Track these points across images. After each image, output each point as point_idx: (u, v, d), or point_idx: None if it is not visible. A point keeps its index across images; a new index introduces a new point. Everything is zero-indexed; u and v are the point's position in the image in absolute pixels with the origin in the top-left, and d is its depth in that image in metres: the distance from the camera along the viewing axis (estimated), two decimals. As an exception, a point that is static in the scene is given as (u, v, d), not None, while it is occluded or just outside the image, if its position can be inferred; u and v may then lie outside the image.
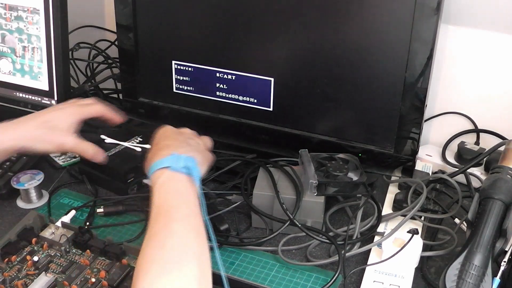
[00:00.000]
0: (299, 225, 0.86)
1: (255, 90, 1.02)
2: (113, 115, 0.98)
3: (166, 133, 0.84)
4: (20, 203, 0.98)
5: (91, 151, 0.94)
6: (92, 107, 0.96)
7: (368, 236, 0.88)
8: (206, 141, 0.89)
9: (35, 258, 0.80)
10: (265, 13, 0.97)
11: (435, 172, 1.04)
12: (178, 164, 0.74)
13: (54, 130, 0.90)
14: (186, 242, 0.66)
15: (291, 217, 0.86)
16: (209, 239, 0.71)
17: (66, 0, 1.12)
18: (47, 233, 0.84)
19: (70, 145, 0.92)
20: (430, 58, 0.89)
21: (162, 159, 0.76)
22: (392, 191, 0.99)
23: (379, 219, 0.89)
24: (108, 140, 1.04)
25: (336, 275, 0.80)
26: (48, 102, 1.16)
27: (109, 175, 1.00)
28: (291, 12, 0.94)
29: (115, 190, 1.00)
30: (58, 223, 0.87)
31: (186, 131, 0.88)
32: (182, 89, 1.08)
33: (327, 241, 0.86)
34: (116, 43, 1.21)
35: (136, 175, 0.99)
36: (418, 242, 0.83)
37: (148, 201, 0.72)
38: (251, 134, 1.06)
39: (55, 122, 0.91)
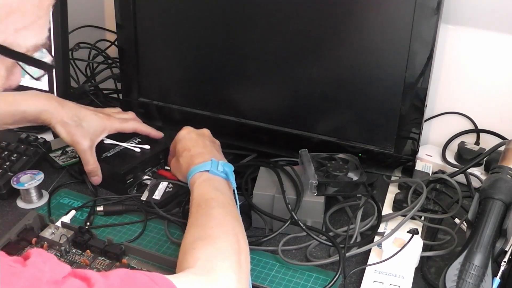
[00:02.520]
0: (302, 225, 0.86)
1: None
2: (150, 131, 1.04)
3: (191, 136, 0.92)
4: (20, 203, 0.98)
5: (90, 167, 0.98)
6: (127, 124, 1.03)
7: (370, 238, 0.88)
8: (219, 144, 0.97)
9: (35, 258, 0.80)
10: (265, 11, 0.97)
11: (435, 172, 1.04)
12: (217, 168, 0.84)
13: (79, 129, 0.96)
14: (227, 224, 0.75)
15: (295, 217, 0.86)
16: None
17: (66, 0, 1.12)
18: (47, 233, 0.84)
19: (80, 149, 0.97)
20: (430, 58, 0.89)
21: (202, 163, 0.85)
22: (392, 191, 0.99)
23: (379, 219, 0.89)
24: (107, 141, 1.04)
25: (337, 276, 0.80)
26: (48, 102, 1.16)
27: (108, 175, 1.00)
28: (291, 12, 0.94)
29: (114, 190, 1.00)
30: (58, 223, 0.87)
31: (206, 133, 0.96)
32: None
33: (330, 243, 0.86)
34: (116, 43, 1.21)
35: (135, 176, 0.99)
36: (418, 242, 0.83)
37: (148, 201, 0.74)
38: (251, 134, 1.06)
39: (86, 123, 0.97)
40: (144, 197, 0.95)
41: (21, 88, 1.18)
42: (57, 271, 0.55)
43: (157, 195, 0.94)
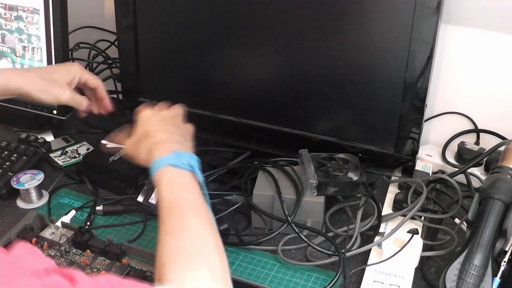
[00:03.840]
0: (296, 230, 0.86)
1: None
2: (105, 95, 1.01)
3: (152, 119, 0.85)
4: (20, 203, 0.98)
5: (85, 104, 0.99)
6: (92, 76, 1.00)
7: (370, 238, 0.88)
8: (189, 129, 0.89)
9: (35, 258, 0.80)
10: (265, 11, 0.97)
11: (435, 172, 1.04)
12: (182, 161, 0.78)
13: (54, 82, 0.96)
14: (203, 234, 0.70)
15: (289, 220, 0.86)
16: None
17: (66, 0, 1.12)
18: (47, 233, 0.84)
19: (65, 97, 0.96)
20: (430, 58, 0.89)
21: (165, 156, 0.78)
22: (392, 191, 0.99)
23: (379, 219, 0.89)
24: (110, 144, 1.03)
25: (337, 276, 0.80)
26: (48, 102, 1.16)
27: (120, 179, 0.99)
28: (291, 12, 0.94)
29: (114, 190, 1.00)
30: (58, 223, 0.87)
31: (166, 113, 0.88)
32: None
33: (330, 252, 0.86)
34: (115, 43, 1.21)
35: (146, 177, 0.99)
36: (418, 242, 0.83)
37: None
38: (251, 134, 1.06)
39: (56, 75, 0.96)
40: (140, 199, 0.94)
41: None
42: (39, 263, 0.54)
43: (153, 199, 0.93)
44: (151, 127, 0.84)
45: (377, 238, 0.87)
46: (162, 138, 0.82)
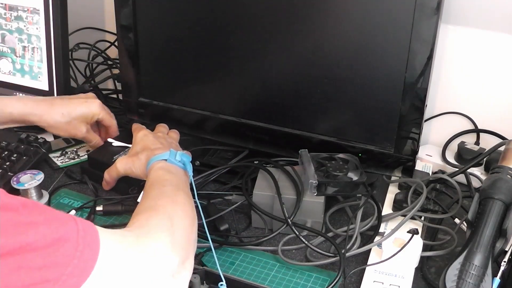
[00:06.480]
0: (296, 232, 0.86)
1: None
2: (116, 129, 1.10)
3: (148, 136, 0.95)
4: (20, 203, 0.98)
5: (95, 141, 1.07)
6: (109, 116, 1.08)
7: (370, 238, 0.87)
8: (176, 137, 1.01)
9: (35, 258, 0.80)
10: (265, 11, 0.97)
11: (435, 172, 1.04)
12: (175, 158, 0.86)
13: (72, 121, 1.03)
14: (176, 199, 0.76)
15: (289, 221, 0.86)
16: (205, 237, 0.82)
17: (66, 1, 1.13)
18: (47, 233, 0.84)
19: (79, 135, 1.05)
20: (430, 58, 0.89)
21: (161, 154, 0.87)
22: (392, 191, 0.99)
23: (379, 219, 0.89)
24: (116, 143, 1.04)
25: (338, 277, 0.80)
26: (48, 102, 1.16)
27: (121, 178, 0.99)
28: (291, 12, 0.94)
29: (115, 190, 1.00)
30: (58, 223, 0.87)
31: (161, 129, 1.00)
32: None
33: (330, 254, 0.86)
34: (115, 43, 1.21)
35: None
36: (418, 242, 0.83)
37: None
38: (251, 134, 1.06)
39: (76, 114, 1.03)
40: (139, 199, 0.94)
41: (22, 88, 1.19)
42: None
43: None
44: (148, 143, 0.93)
45: (377, 238, 0.87)
46: (158, 146, 0.91)
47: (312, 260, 0.86)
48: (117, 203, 0.97)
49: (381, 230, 0.88)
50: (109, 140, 1.07)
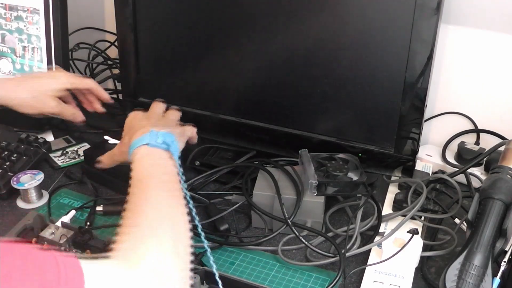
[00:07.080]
0: (296, 232, 0.86)
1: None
2: (103, 93, 1.02)
3: (137, 116, 0.86)
4: (20, 203, 0.98)
5: (70, 113, 0.99)
6: (83, 79, 1.01)
7: (370, 238, 0.87)
8: (175, 115, 0.91)
9: (35, 258, 0.80)
10: (264, 11, 0.97)
11: (435, 172, 1.04)
12: (156, 140, 0.77)
13: (39, 96, 0.96)
14: (160, 208, 0.68)
15: (289, 221, 0.86)
16: (198, 236, 0.74)
17: (66, 1, 1.13)
18: (47, 233, 0.84)
19: (50, 110, 0.97)
20: (430, 58, 0.89)
21: (141, 137, 0.78)
22: (392, 191, 0.99)
23: (379, 219, 0.89)
24: (112, 141, 1.04)
25: (338, 277, 0.80)
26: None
27: (123, 176, 0.99)
28: (291, 11, 0.94)
29: (117, 189, 1.00)
30: (58, 223, 0.87)
31: (155, 110, 0.89)
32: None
33: (330, 254, 0.86)
34: (115, 43, 1.21)
35: None
36: (418, 242, 0.83)
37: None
38: (251, 134, 1.06)
39: (43, 88, 0.97)
40: None
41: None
42: None
43: None
44: (133, 122, 0.85)
45: (377, 238, 0.87)
46: (142, 124, 0.82)
47: (312, 260, 0.86)
48: (117, 203, 0.97)
49: (381, 230, 0.88)
50: (106, 137, 1.05)
